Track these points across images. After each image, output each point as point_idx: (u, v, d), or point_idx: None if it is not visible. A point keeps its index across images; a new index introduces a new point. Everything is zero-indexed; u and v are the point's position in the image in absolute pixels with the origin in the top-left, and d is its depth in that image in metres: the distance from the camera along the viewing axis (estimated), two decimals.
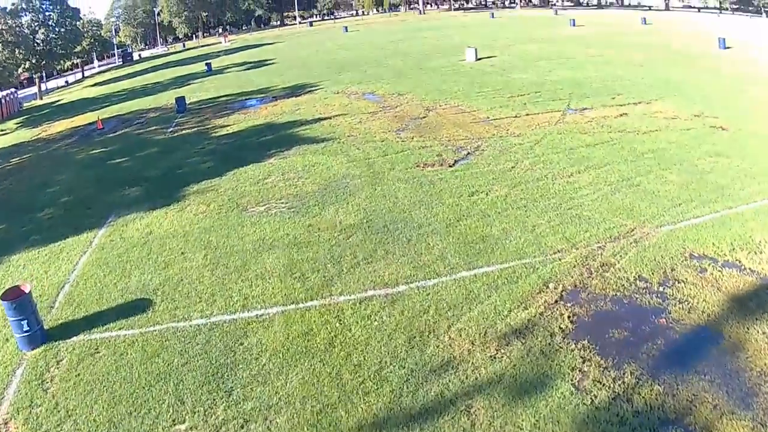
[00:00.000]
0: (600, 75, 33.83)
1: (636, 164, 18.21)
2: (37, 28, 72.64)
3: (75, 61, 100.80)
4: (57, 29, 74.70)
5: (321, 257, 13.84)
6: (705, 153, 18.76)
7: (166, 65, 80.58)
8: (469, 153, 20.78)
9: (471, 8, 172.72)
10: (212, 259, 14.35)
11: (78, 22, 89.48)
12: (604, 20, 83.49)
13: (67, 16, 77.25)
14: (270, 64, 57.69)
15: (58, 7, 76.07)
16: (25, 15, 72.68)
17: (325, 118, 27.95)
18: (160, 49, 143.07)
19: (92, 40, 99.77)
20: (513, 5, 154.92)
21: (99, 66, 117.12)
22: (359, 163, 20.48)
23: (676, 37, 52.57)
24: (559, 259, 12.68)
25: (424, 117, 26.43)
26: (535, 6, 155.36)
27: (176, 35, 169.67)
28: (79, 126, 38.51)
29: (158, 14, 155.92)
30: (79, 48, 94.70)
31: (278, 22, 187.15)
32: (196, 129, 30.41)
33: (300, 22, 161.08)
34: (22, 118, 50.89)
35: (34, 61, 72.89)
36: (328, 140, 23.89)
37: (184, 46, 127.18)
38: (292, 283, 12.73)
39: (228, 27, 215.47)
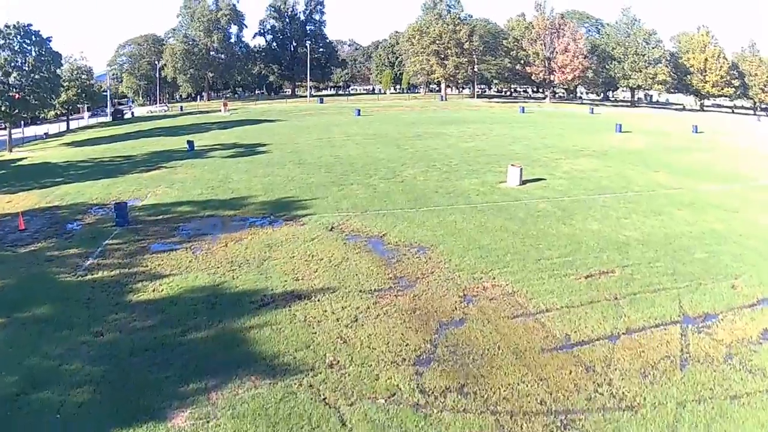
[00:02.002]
0: (712, 247, 24.15)
1: None
2: (10, 70, 64.75)
3: (59, 111, 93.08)
4: (32, 75, 66.57)
5: None
6: None
7: (151, 132, 73.25)
8: None
9: (495, 96, 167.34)
10: None
11: (59, 69, 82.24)
12: (650, 125, 77.31)
13: (45, 61, 69.19)
14: (262, 152, 49.11)
15: (35, 48, 68.20)
16: (2, 52, 65.13)
17: (301, 297, 18.18)
18: (158, 108, 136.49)
19: (79, 90, 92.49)
20: (540, 94, 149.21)
21: (89, 117, 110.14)
22: None
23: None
24: None
25: (461, 322, 16.54)
26: (562, 98, 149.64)
27: (180, 94, 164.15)
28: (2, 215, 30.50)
29: (161, 69, 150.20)
30: (63, 97, 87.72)
31: (290, 91, 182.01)
32: (117, 274, 20.88)
33: (312, 95, 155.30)
34: None
35: (3, 108, 64.98)
36: (294, 372, 14.06)
37: (181, 109, 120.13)
38: None
39: (237, 89, 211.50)
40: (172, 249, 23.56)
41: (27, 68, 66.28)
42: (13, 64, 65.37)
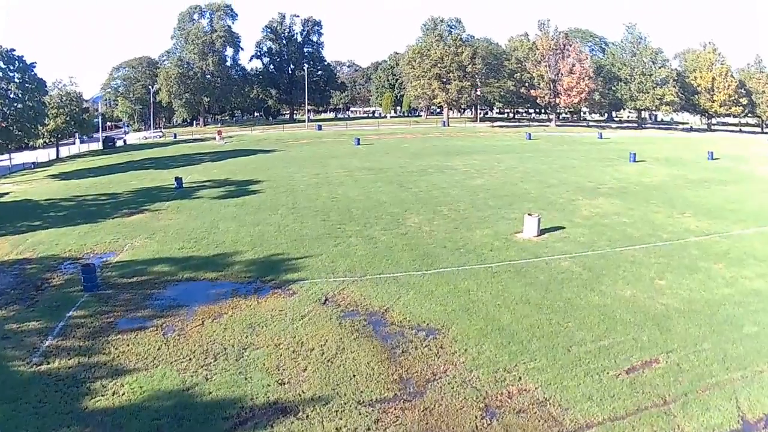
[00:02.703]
0: (760, 317, 21.05)
1: None
2: None
3: (47, 140, 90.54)
4: (15, 105, 63.78)
5: None
6: None
7: (141, 164, 70.79)
8: None
9: (498, 119, 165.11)
10: None
11: (46, 96, 79.76)
12: (663, 151, 75.60)
13: (29, 89, 66.35)
14: (254, 191, 46.30)
15: (19, 75, 65.37)
16: None
17: (286, 411, 14.90)
18: (153, 134, 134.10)
19: (68, 118, 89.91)
20: (544, 116, 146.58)
21: (80, 144, 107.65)
22: None
23: None
24: None
25: None
26: (566, 120, 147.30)
27: (175, 119, 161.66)
28: None
29: (155, 93, 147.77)
30: (51, 125, 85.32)
31: (288, 115, 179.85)
32: (76, 364, 17.77)
33: (310, 119, 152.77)
34: None
35: None
36: None
37: (175, 137, 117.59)
38: None
39: (235, 112, 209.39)
40: (142, 327, 20.47)
41: (10, 96, 63.51)
42: None
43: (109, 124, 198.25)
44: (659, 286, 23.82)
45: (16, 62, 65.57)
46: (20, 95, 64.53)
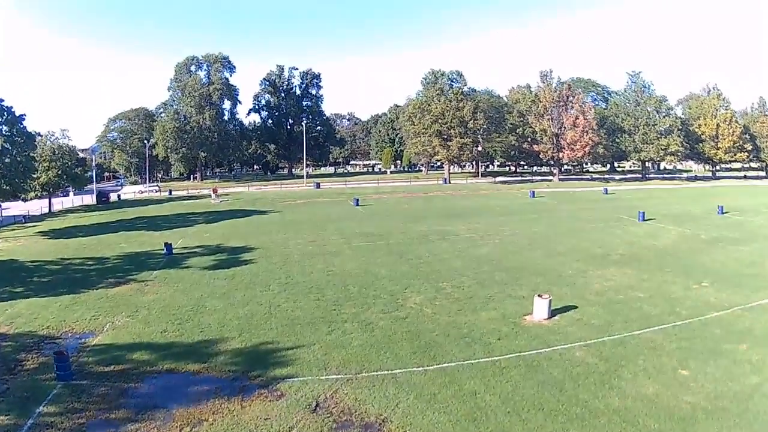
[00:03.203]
0: None
1: None
2: None
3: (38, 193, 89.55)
4: (1, 158, 62.36)
5: None
6: None
7: (133, 224, 69.88)
8: None
9: (499, 173, 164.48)
10: None
11: (36, 150, 78.83)
12: (671, 206, 76.46)
13: (17, 142, 64.96)
14: (246, 261, 44.61)
15: (7, 128, 64.05)
16: None
17: None
18: (148, 188, 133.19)
19: (60, 172, 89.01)
20: (545, 169, 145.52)
21: (74, 196, 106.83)
22: None
23: None
24: None
25: None
26: (569, 172, 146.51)
27: (172, 173, 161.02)
28: None
29: (152, 147, 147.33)
30: (43, 178, 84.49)
31: (287, 170, 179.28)
32: None
33: (309, 175, 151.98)
34: None
35: None
36: None
37: (170, 193, 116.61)
38: None
39: (233, 166, 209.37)
40: None
41: None
42: None
43: (107, 174, 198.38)
44: (683, 378, 21.96)
45: (5, 114, 64.37)
46: (8, 148, 63.12)
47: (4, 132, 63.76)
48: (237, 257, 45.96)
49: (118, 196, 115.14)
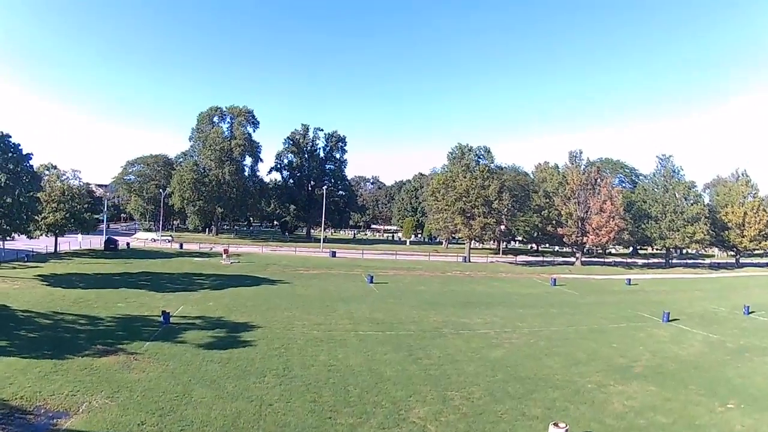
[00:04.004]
0: None
1: None
2: None
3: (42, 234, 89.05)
4: (3, 198, 61.46)
5: None
6: None
7: (137, 279, 69.03)
8: None
9: (520, 250, 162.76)
10: None
11: (41, 192, 78.42)
12: (693, 301, 75.93)
13: (21, 182, 64.11)
14: (245, 342, 42.38)
15: (12, 165, 63.21)
16: None
17: None
18: (161, 237, 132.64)
19: (67, 214, 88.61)
20: (568, 249, 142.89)
21: (82, 237, 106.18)
22: None
23: None
24: None
25: None
26: (590, 254, 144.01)
27: (188, 225, 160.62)
28: None
29: (168, 196, 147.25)
30: (50, 219, 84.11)
31: (305, 231, 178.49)
32: None
33: (326, 238, 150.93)
34: None
35: None
36: None
37: (181, 246, 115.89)
38: None
39: (251, 221, 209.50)
40: None
41: (0, 187, 61.38)
42: None
43: (123, 215, 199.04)
44: None
45: (11, 151, 63.77)
46: (11, 185, 62.28)
47: (9, 169, 62.96)
48: (236, 336, 44.04)
49: (128, 243, 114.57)
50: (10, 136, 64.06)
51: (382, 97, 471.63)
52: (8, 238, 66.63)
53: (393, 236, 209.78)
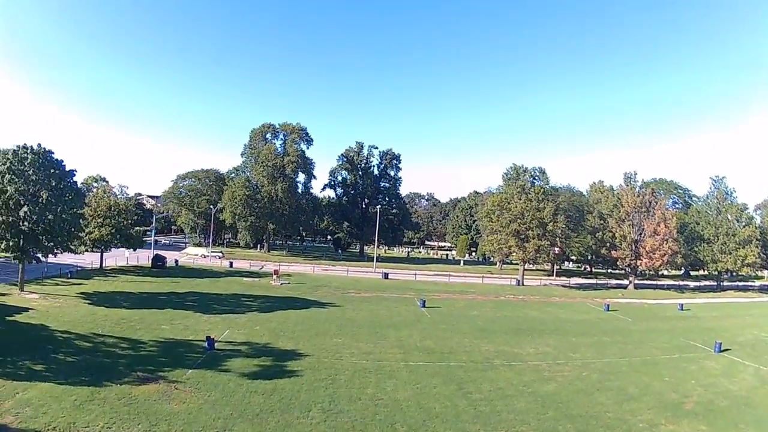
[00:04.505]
0: None
1: None
2: (22, 202, 60.47)
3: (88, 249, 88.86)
4: (45, 214, 61.42)
5: None
6: None
7: (183, 300, 68.82)
8: None
9: (574, 272, 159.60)
10: None
11: (86, 208, 78.70)
12: (745, 329, 73.19)
13: (64, 199, 64.06)
14: (291, 372, 41.06)
15: (54, 182, 63.07)
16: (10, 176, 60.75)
17: None
18: (211, 253, 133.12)
19: (113, 230, 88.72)
20: (620, 271, 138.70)
21: (129, 254, 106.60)
22: None
23: None
24: None
25: None
26: (643, 276, 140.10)
27: (239, 241, 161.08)
28: None
29: (219, 211, 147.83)
30: (95, 234, 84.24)
31: (358, 249, 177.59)
32: None
33: (379, 257, 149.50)
34: None
35: (13, 242, 61.56)
36: None
37: (231, 265, 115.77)
38: None
39: (306, 237, 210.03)
40: None
41: (41, 203, 61.41)
42: (22, 196, 60.94)
43: (173, 227, 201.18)
44: None
45: (53, 167, 63.66)
46: (53, 202, 62.24)
47: (52, 186, 62.86)
48: (282, 365, 42.71)
49: (176, 261, 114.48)
50: (53, 152, 63.88)
51: (440, 112, 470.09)
52: (50, 255, 66.56)
53: (447, 255, 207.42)
